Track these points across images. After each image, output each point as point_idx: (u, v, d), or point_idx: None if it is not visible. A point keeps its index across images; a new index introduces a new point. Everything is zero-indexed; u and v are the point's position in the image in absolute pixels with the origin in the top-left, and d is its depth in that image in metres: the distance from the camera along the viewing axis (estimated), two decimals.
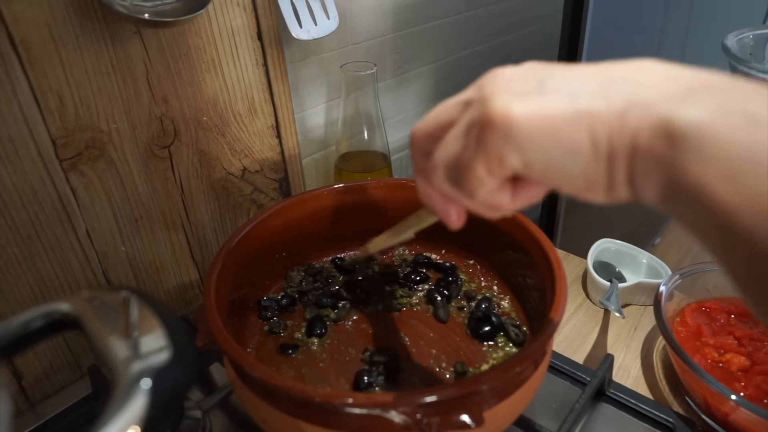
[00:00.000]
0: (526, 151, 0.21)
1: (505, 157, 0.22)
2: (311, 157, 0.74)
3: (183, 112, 0.54)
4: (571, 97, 0.21)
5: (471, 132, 0.23)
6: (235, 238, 0.47)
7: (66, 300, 0.25)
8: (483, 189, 0.24)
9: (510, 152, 0.22)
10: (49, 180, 0.46)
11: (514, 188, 0.25)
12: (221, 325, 0.37)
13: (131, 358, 0.23)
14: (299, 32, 0.60)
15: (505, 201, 0.25)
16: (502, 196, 0.25)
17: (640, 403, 0.46)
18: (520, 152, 0.21)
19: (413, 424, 0.31)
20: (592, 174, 0.21)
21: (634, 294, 0.59)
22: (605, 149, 0.20)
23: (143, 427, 0.19)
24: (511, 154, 0.22)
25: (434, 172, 0.26)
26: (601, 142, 0.20)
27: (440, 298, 0.49)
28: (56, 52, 0.43)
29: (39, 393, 0.50)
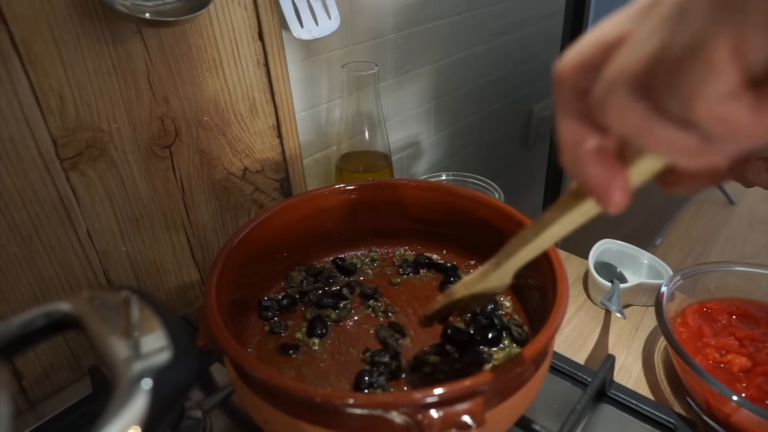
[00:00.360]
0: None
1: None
2: (312, 157, 0.73)
3: (184, 111, 0.54)
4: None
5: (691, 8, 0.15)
6: (236, 238, 0.46)
7: (67, 300, 0.25)
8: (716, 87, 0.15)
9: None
10: (49, 180, 0.46)
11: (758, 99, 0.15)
12: (222, 325, 0.37)
13: (132, 358, 0.23)
14: (300, 32, 0.60)
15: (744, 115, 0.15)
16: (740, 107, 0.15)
17: (642, 404, 0.46)
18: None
19: (414, 425, 0.31)
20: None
21: (636, 295, 0.59)
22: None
23: (144, 427, 0.19)
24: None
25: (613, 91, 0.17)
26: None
27: None
28: (57, 51, 0.43)
29: (39, 393, 0.50)
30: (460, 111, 0.98)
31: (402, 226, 0.56)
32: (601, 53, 0.18)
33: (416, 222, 0.56)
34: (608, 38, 0.18)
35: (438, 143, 0.96)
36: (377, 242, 0.57)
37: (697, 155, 0.17)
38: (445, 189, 0.54)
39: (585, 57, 0.19)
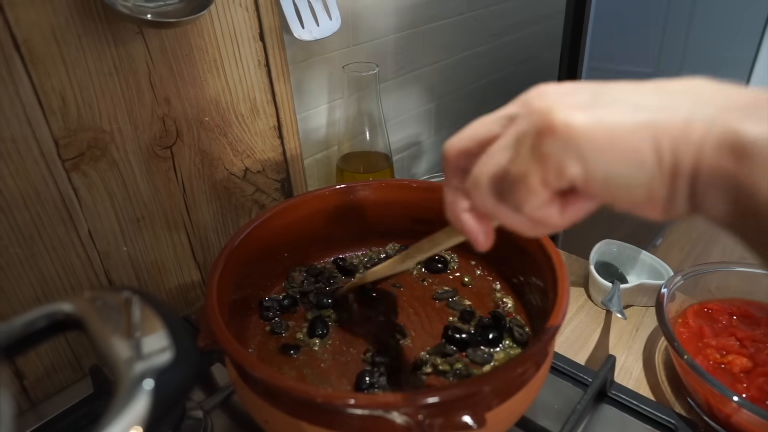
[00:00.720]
0: (589, 161, 0.21)
1: (564, 167, 0.21)
2: (313, 157, 0.74)
3: (185, 112, 0.54)
4: (632, 107, 0.21)
5: (523, 142, 0.23)
6: (237, 238, 0.47)
7: (68, 300, 0.25)
8: (534, 201, 0.23)
9: (571, 161, 0.21)
10: (51, 180, 0.46)
11: (564, 202, 0.24)
12: (223, 326, 0.37)
13: (133, 359, 0.23)
14: (301, 33, 0.60)
15: (554, 215, 0.24)
16: (551, 211, 0.24)
17: (642, 405, 0.46)
18: (581, 161, 0.21)
19: (415, 425, 0.31)
20: (654, 187, 0.20)
21: (636, 295, 0.59)
22: (669, 161, 0.20)
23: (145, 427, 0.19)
24: (572, 163, 0.21)
25: (476, 187, 0.25)
26: (665, 153, 0.20)
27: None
28: (59, 52, 0.44)
29: (41, 393, 0.50)
30: (461, 111, 0.98)
31: (402, 226, 0.56)
32: (474, 146, 0.26)
33: (417, 222, 0.56)
34: (480, 136, 0.26)
35: (439, 144, 0.96)
36: (378, 242, 0.58)
37: (531, 231, 0.25)
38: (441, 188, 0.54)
39: (463, 146, 0.26)
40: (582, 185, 0.22)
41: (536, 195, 0.23)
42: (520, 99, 0.24)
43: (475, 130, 0.26)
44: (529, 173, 0.22)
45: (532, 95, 0.24)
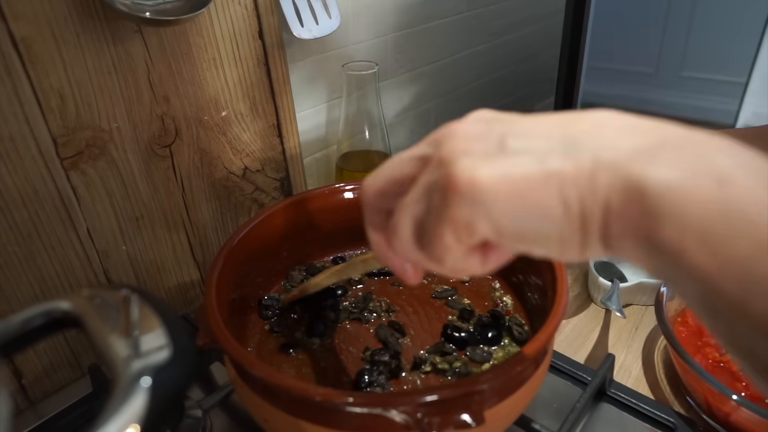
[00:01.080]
0: (496, 218, 0.20)
1: (474, 225, 0.21)
2: (313, 156, 0.73)
3: (184, 111, 0.54)
4: (536, 157, 0.20)
5: (432, 195, 0.22)
6: (236, 237, 0.47)
7: (66, 298, 0.25)
8: (451, 256, 0.23)
9: (479, 219, 0.21)
10: (49, 178, 0.46)
11: (484, 252, 0.24)
12: (222, 324, 0.37)
13: (131, 357, 0.23)
14: (301, 31, 0.60)
15: (475, 266, 0.24)
16: (472, 262, 0.24)
17: (641, 403, 0.46)
18: (489, 219, 0.21)
19: (414, 424, 0.31)
20: (566, 236, 0.20)
21: (636, 294, 0.59)
22: (577, 211, 0.19)
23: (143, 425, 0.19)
24: (480, 221, 0.21)
25: (396, 235, 0.25)
26: (572, 204, 0.19)
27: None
28: (57, 50, 0.43)
29: (39, 392, 0.50)
30: (460, 110, 0.98)
31: None
32: (391, 186, 0.25)
33: None
34: (395, 177, 0.25)
35: None
36: None
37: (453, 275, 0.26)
38: None
39: (382, 187, 0.26)
40: (495, 240, 0.22)
41: (453, 251, 0.23)
42: (431, 137, 0.24)
43: (391, 171, 0.25)
44: (441, 230, 0.22)
45: (440, 135, 0.23)
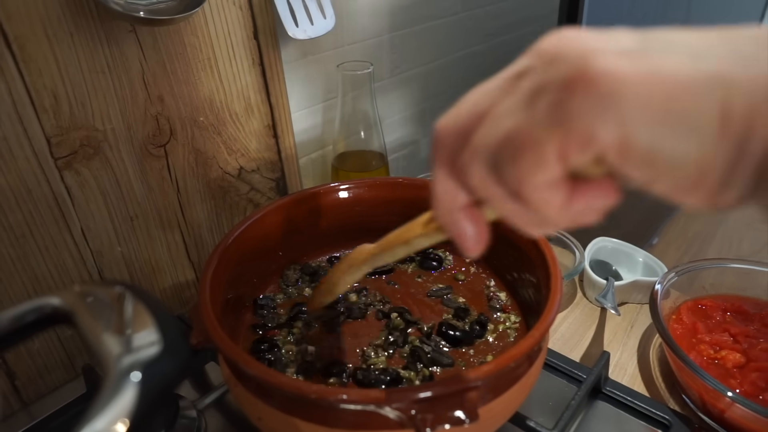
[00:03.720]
0: (631, 125, 0.16)
1: (597, 131, 0.16)
2: (308, 156, 0.73)
3: (179, 111, 0.54)
4: (695, 57, 0.16)
5: (540, 98, 0.17)
6: (231, 236, 0.46)
7: (56, 294, 0.25)
8: (540, 177, 0.18)
9: (605, 124, 0.16)
10: (43, 178, 0.46)
11: (573, 191, 0.19)
12: (216, 322, 0.37)
13: (122, 353, 0.22)
14: (295, 31, 0.60)
15: (555, 204, 0.19)
16: (555, 197, 0.19)
17: (637, 401, 0.46)
18: (621, 126, 0.16)
19: (408, 420, 0.31)
20: (710, 161, 0.16)
21: (631, 292, 0.59)
22: (739, 128, 0.15)
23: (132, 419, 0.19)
24: (606, 126, 0.16)
25: (472, 160, 0.20)
26: (734, 118, 0.15)
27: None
28: (51, 50, 0.43)
29: (33, 393, 0.50)
30: None
31: (397, 224, 0.56)
32: (474, 121, 0.20)
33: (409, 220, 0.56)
34: (481, 108, 0.20)
35: None
36: (372, 241, 0.57)
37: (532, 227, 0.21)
38: None
39: (460, 123, 0.21)
40: (614, 158, 0.17)
41: (545, 169, 0.18)
42: (532, 49, 0.19)
43: (475, 102, 0.20)
44: (543, 138, 0.17)
45: (551, 41, 0.18)
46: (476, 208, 0.23)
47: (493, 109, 0.19)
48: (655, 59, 0.16)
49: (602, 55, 0.16)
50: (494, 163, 0.19)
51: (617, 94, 0.16)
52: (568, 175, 0.18)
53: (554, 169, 0.18)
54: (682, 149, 0.16)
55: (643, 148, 0.16)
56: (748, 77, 0.15)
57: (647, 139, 0.16)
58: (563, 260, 0.61)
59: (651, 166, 0.17)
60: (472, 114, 0.20)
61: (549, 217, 0.19)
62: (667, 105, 0.16)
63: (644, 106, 0.16)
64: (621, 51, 0.16)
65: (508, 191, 0.19)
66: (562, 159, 0.17)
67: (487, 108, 0.20)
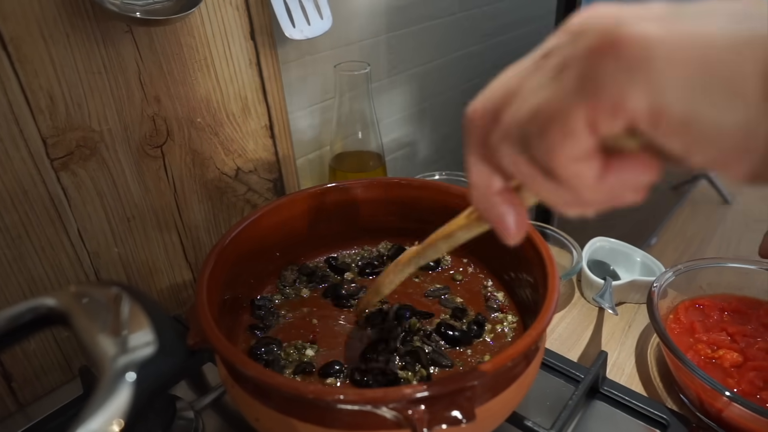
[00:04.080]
0: (664, 90, 0.15)
1: (625, 99, 0.15)
2: (306, 157, 0.73)
3: (176, 111, 0.53)
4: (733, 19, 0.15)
5: (568, 71, 0.17)
6: (228, 236, 0.46)
7: (52, 295, 0.25)
8: (570, 149, 0.17)
9: (634, 89, 0.15)
10: (39, 180, 0.46)
11: (607, 164, 0.18)
12: (212, 323, 0.37)
13: (118, 354, 0.22)
14: (292, 32, 0.60)
15: (588, 178, 0.18)
16: (588, 170, 0.18)
17: (634, 400, 0.46)
18: (651, 90, 0.15)
19: (404, 420, 0.31)
20: (752, 128, 0.15)
21: (628, 292, 0.59)
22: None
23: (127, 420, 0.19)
24: (637, 92, 0.15)
25: (503, 139, 0.19)
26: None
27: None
28: (47, 50, 0.43)
29: (29, 395, 0.50)
30: (453, 111, 0.98)
31: (395, 225, 0.56)
32: (504, 101, 0.20)
33: (409, 221, 0.56)
34: (510, 88, 0.20)
35: (432, 143, 0.96)
36: (370, 241, 0.57)
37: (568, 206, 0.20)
38: (437, 187, 0.54)
39: (490, 105, 0.20)
40: (647, 126, 0.16)
41: (574, 140, 0.17)
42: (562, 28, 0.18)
43: (504, 84, 0.20)
44: (571, 108, 0.17)
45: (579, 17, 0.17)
46: (513, 192, 0.22)
47: (521, 88, 0.19)
48: (690, 22, 0.15)
49: (631, 21, 0.16)
50: (524, 141, 0.19)
51: (648, 58, 0.15)
52: (601, 147, 0.18)
53: (584, 140, 0.17)
54: (724, 115, 0.15)
55: (680, 115, 0.15)
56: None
57: (683, 106, 0.15)
58: (561, 260, 0.61)
59: (690, 135, 0.16)
60: (502, 95, 0.20)
61: (584, 193, 0.18)
62: (704, 68, 0.15)
63: (679, 71, 0.15)
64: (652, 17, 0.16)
65: (540, 169, 0.19)
66: (592, 129, 0.17)
67: (515, 88, 0.19)
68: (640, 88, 0.15)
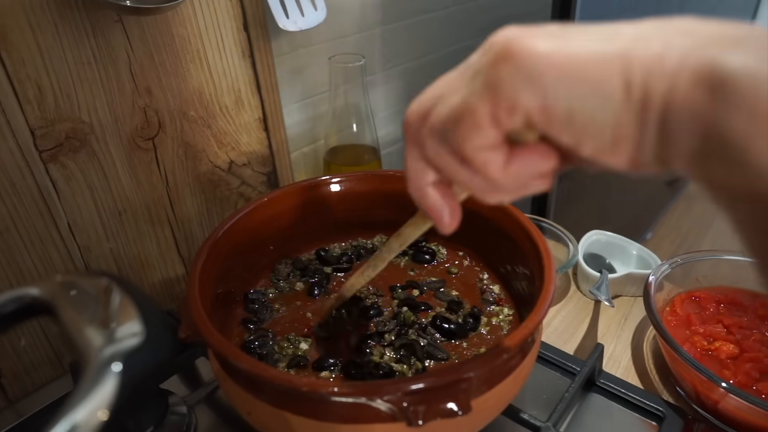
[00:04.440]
0: (546, 90, 0.19)
1: (518, 97, 0.19)
2: (300, 150, 0.73)
3: (167, 103, 0.53)
4: (603, 38, 0.19)
5: (478, 76, 0.21)
6: (221, 229, 0.46)
7: (36, 284, 0.25)
8: (477, 140, 0.21)
9: (526, 91, 0.19)
10: (28, 172, 0.45)
11: (512, 153, 0.22)
12: (204, 316, 0.36)
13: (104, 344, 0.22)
14: (286, 23, 0.59)
15: (496, 164, 0.21)
16: (494, 158, 0.21)
17: (631, 393, 0.46)
18: (539, 91, 0.19)
19: (399, 413, 0.30)
20: (622, 124, 0.19)
21: (624, 285, 0.59)
22: (639, 93, 0.18)
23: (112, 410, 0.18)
24: (528, 92, 0.19)
25: (428, 135, 0.23)
26: (635, 85, 0.18)
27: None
28: (34, 39, 0.42)
29: (19, 390, 0.49)
30: None
31: (390, 218, 0.56)
32: (432, 105, 0.23)
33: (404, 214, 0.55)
34: (437, 93, 0.23)
35: None
36: (365, 234, 0.57)
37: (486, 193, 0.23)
38: None
39: (423, 107, 0.24)
40: (539, 121, 0.20)
41: (480, 132, 0.20)
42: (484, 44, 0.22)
43: (433, 90, 0.24)
44: (478, 106, 0.20)
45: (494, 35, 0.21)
46: (446, 186, 0.26)
47: (445, 93, 0.23)
48: (569, 39, 0.19)
49: (525, 37, 0.19)
50: (444, 135, 0.22)
51: (536, 66, 0.19)
52: (506, 140, 0.21)
53: (489, 133, 0.21)
54: (596, 114, 0.19)
55: (562, 112, 0.19)
56: (643, 50, 0.18)
57: (565, 105, 0.19)
58: (557, 253, 0.61)
59: (573, 128, 0.19)
60: (431, 99, 0.23)
61: (494, 179, 0.22)
62: (579, 75, 0.18)
63: (559, 76, 0.19)
64: (542, 34, 0.19)
65: (458, 158, 0.22)
66: (495, 123, 0.20)
67: (441, 93, 0.23)
68: (530, 90, 0.19)
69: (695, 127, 0.17)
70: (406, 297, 0.48)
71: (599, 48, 0.18)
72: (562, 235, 0.61)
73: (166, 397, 0.44)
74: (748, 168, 0.16)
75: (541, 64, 0.19)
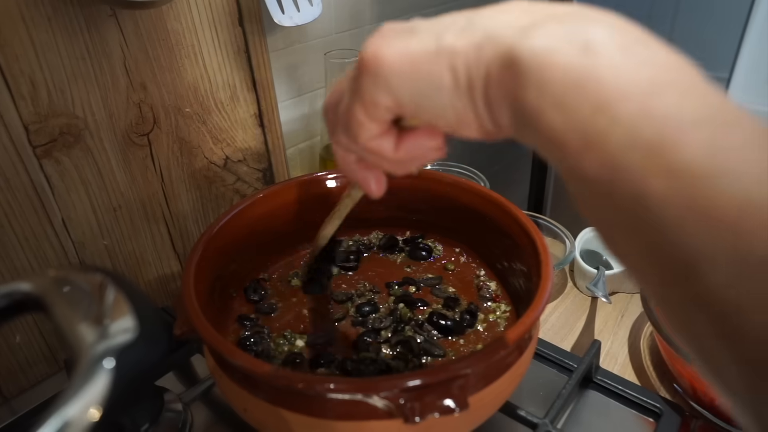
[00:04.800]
0: (394, 89, 0.23)
1: (377, 98, 0.23)
2: (296, 147, 0.72)
3: (162, 99, 0.52)
4: (435, 35, 0.22)
5: (352, 82, 0.25)
6: (216, 225, 0.45)
7: (27, 279, 0.24)
8: (365, 133, 0.25)
9: (380, 92, 0.23)
10: (21, 167, 0.45)
11: (399, 137, 0.26)
12: (200, 312, 0.36)
13: (96, 340, 0.22)
14: (282, 18, 0.59)
15: (387, 147, 0.26)
16: (384, 143, 0.26)
17: (628, 390, 0.46)
18: (388, 91, 0.23)
19: (396, 409, 0.30)
20: (459, 107, 0.22)
21: (622, 281, 0.59)
22: (464, 82, 0.21)
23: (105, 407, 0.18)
24: (381, 94, 0.23)
25: (338, 128, 0.27)
26: (460, 75, 0.21)
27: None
28: (27, 34, 0.42)
29: (14, 388, 0.49)
30: None
31: (386, 214, 0.56)
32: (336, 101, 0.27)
33: (400, 210, 0.55)
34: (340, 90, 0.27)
35: None
36: (362, 231, 0.57)
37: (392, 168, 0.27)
38: (429, 176, 0.53)
39: (332, 103, 0.28)
40: (401, 112, 0.24)
41: (364, 127, 0.25)
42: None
43: (338, 87, 0.28)
44: (353, 107, 0.24)
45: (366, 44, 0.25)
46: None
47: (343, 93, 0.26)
48: (409, 42, 0.22)
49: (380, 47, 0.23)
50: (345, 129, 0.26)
51: (385, 73, 0.22)
52: (392, 127, 0.25)
53: (371, 126, 0.25)
54: (437, 101, 0.22)
55: (411, 103, 0.23)
56: (465, 43, 0.21)
57: (411, 98, 0.23)
58: (554, 250, 0.61)
59: (425, 114, 0.23)
60: (336, 96, 0.27)
61: (390, 159, 0.26)
62: (415, 72, 0.22)
63: (400, 76, 0.22)
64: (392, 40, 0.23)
65: (352, 139, 0.26)
66: (371, 118, 0.24)
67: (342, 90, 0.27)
68: (384, 92, 0.23)
69: (507, 102, 0.21)
70: (402, 294, 0.48)
71: (432, 46, 0.22)
72: (558, 232, 0.61)
73: (161, 394, 0.44)
74: (542, 134, 0.19)
75: (388, 70, 0.22)
